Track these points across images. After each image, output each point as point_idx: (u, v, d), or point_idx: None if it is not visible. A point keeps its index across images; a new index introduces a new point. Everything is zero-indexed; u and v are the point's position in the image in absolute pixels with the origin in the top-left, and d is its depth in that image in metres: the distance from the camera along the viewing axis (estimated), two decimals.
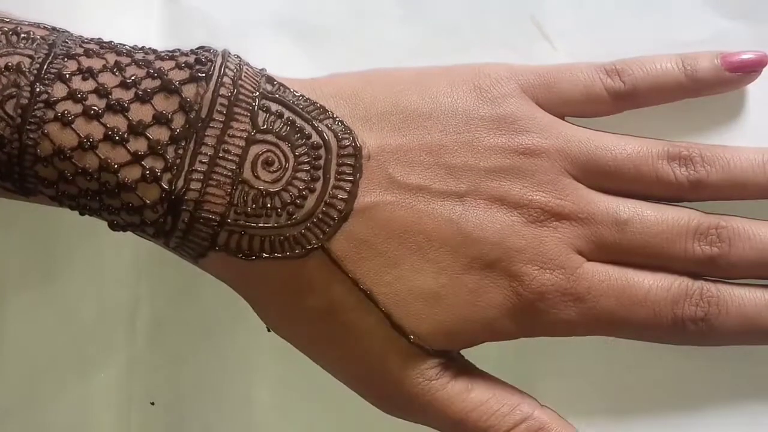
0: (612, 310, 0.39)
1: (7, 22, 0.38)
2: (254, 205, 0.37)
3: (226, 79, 0.38)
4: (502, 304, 0.39)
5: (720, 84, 0.42)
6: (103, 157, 0.36)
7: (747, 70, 0.41)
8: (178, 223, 0.37)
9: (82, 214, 0.39)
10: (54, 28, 0.39)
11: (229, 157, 0.37)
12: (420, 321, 0.39)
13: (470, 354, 0.41)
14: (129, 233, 0.39)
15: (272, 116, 0.38)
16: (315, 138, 0.38)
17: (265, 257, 0.38)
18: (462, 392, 0.40)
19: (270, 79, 0.39)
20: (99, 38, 0.39)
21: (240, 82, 0.38)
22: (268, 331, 0.41)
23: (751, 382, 0.42)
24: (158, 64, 0.38)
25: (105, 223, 0.39)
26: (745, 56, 0.41)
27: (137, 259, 0.46)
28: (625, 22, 0.44)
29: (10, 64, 0.37)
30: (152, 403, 0.46)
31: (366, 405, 0.40)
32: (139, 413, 0.46)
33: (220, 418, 0.45)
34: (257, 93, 0.38)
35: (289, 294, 0.39)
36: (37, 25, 0.39)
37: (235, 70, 0.38)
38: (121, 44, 0.39)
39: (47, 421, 0.46)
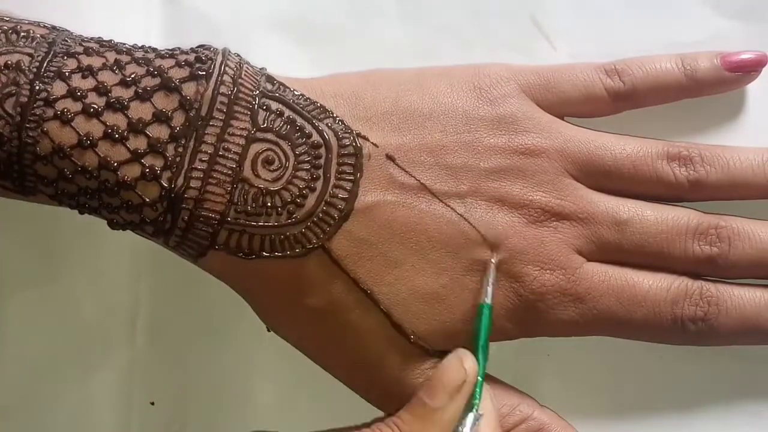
0: (612, 310, 0.39)
1: (7, 20, 0.38)
2: (254, 204, 0.37)
3: (226, 78, 0.37)
4: (503, 305, 0.39)
5: (720, 84, 0.42)
6: (102, 155, 0.36)
7: (746, 70, 0.41)
8: (177, 222, 0.37)
9: (81, 212, 0.38)
10: (54, 27, 0.39)
11: (229, 156, 0.37)
12: (420, 321, 0.39)
13: None
14: (129, 232, 0.39)
15: (272, 115, 0.38)
16: (315, 137, 0.38)
17: (265, 256, 0.38)
18: None
19: (270, 78, 0.39)
20: (99, 37, 0.39)
21: (240, 80, 0.38)
22: (268, 331, 0.41)
23: (751, 382, 0.42)
24: (158, 62, 0.38)
25: (105, 223, 0.39)
26: (744, 56, 0.41)
27: (137, 259, 0.46)
28: (625, 22, 0.44)
29: (9, 62, 0.36)
30: (152, 403, 0.46)
31: (366, 405, 0.40)
32: (139, 413, 0.46)
33: (220, 418, 0.45)
34: (257, 91, 0.38)
35: (289, 293, 0.39)
36: (37, 24, 0.39)
37: (235, 69, 0.38)
38: (121, 43, 0.39)
39: (47, 421, 0.46)
